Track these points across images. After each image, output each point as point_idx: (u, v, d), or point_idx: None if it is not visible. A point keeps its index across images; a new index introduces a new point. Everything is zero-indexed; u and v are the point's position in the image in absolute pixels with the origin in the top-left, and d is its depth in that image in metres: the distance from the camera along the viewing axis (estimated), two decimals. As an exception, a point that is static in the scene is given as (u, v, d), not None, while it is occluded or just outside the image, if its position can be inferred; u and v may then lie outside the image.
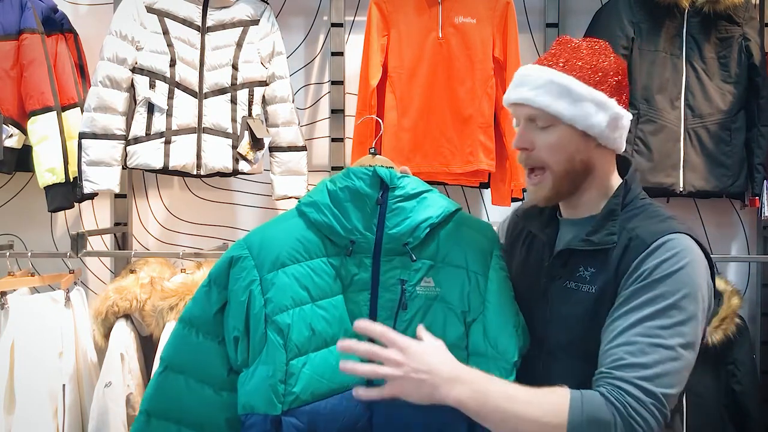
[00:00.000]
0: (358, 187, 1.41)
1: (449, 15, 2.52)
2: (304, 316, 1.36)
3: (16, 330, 2.24)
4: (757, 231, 2.81)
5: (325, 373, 1.36)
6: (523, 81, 1.36)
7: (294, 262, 1.39)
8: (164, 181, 2.86)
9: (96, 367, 2.36)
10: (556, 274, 1.37)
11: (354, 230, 1.40)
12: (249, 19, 2.55)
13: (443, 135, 2.52)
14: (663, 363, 1.18)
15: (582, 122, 1.32)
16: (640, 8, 2.54)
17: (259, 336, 1.36)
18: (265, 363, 1.34)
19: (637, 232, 1.29)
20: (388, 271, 1.41)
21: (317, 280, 1.39)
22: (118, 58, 2.40)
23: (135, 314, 2.29)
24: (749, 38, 2.55)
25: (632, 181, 1.39)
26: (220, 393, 1.42)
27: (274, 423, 1.33)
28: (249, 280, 1.38)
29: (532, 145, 1.35)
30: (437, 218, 1.42)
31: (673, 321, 1.20)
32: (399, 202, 1.41)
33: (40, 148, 2.43)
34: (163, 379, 1.44)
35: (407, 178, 1.44)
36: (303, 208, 1.44)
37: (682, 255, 1.24)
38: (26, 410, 2.21)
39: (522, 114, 1.37)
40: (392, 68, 2.53)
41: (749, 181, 2.56)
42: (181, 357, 1.44)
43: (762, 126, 2.55)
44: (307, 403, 1.34)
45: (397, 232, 1.40)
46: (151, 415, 1.44)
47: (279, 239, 1.41)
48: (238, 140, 2.50)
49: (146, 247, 2.83)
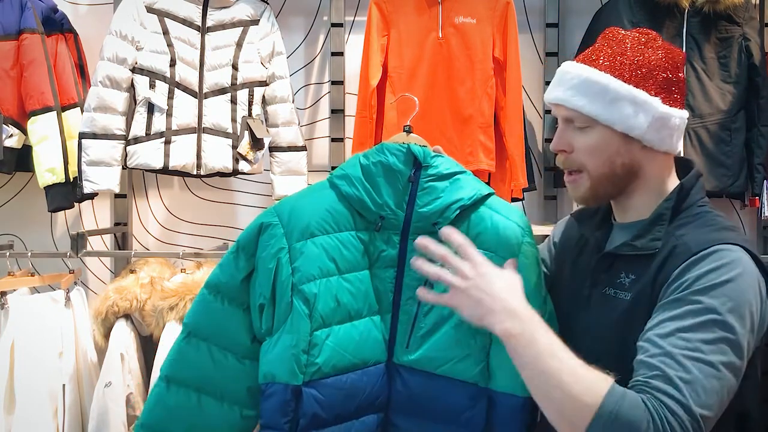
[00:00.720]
0: (392, 163, 1.39)
1: (449, 15, 2.52)
2: (331, 288, 1.35)
3: (16, 330, 2.24)
4: (757, 231, 2.81)
5: (348, 347, 1.35)
6: (560, 80, 1.30)
7: (323, 233, 1.37)
8: (164, 181, 2.86)
9: (96, 367, 2.36)
10: (599, 280, 1.31)
11: (384, 206, 1.39)
12: (249, 19, 2.55)
13: (443, 135, 2.51)
14: (703, 380, 1.09)
15: (620, 124, 1.24)
16: (640, 8, 2.54)
17: (284, 304, 1.34)
18: (289, 332, 1.33)
19: (684, 240, 1.20)
20: (415, 250, 1.38)
21: (345, 253, 1.38)
22: (118, 58, 2.40)
23: (135, 314, 2.29)
24: (749, 38, 2.55)
25: (690, 186, 1.29)
26: (243, 361, 1.41)
27: (295, 393, 1.32)
28: (278, 248, 1.36)
29: (570, 147, 1.29)
30: (469, 200, 1.40)
31: (715, 336, 1.11)
32: (431, 181, 1.40)
33: (40, 148, 2.43)
34: (186, 344, 1.42)
35: (441, 157, 1.43)
36: (335, 180, 1.42)
37: (732, 267, 1.15)
38: (26, 410, 2.21)
39: (560, 114, 1.31)
40: (392, 68, 2.53)
41: (749, 181, 2.56)
42: (206, 323, 1.42)
43: (762, 126, 2.55)
44: (328, 376, 1.34)
45: (428, 211, 1.38)
46: (171, 382, 1.42)
47: (309, 209, 1.39)
48: (238, 140, 2.50)
49: (146, 247, 2.83)
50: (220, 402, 1.42)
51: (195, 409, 1.42)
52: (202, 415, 1.42)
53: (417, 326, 1.38)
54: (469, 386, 1.36)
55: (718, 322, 1.12)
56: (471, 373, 1.36)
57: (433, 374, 1.37)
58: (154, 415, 1.44)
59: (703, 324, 1.11)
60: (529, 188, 2.59)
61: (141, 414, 1.46)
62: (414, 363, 1.38)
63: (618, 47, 1.28)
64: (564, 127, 1.30)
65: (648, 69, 1.26)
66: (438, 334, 1.37)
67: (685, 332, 1.11)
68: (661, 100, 1.25)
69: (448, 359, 1.35)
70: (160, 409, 1.43)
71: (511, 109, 2.51)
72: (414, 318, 1.39)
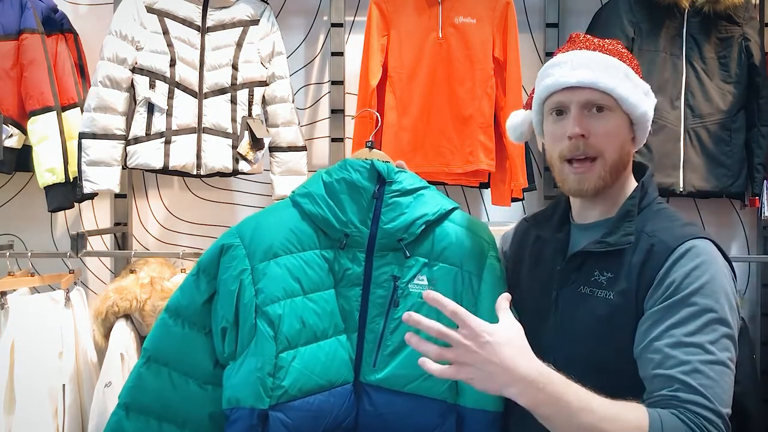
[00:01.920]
0: (355, 179, 1.38)
1: (449, 15, 2.52)
2: (295, 309, 1.34)
3: (16, 330, 2.24)
4: (757, 231, 2.81)
5: (314, 368, 1.33)
6: (582, 62, 1.28)
7: (287, 252, 1.36)
8: (164, 181, 2.86)
9: (96, 367, 2.36)
10: (569, 280, 1.31)
11: (349, 223, 1.38)
12: (249, 19, 2.55)
13: (443, 135, 2.52)
14: (720, 381, 1.12)
15: (635, 110, 1.28)
16: (640, 8, 2.54)
17: (248, 327, 1.33)
18: (253, 355, 1.31)
19: (659, 237, 1.23)
20: (381, 267, 1.39)
21: (310, 273, 1.36)
22: (118, 58, 2.40)
23: (135, 314, 2.29)
24: (749, 38, 2.55)
25: (649, 184, 1.34)
26: (205, 387, 1.39)
27: (261, 417, 1.30)
28: (240, 270, 1.34)
29: (589, 132, 1.27)
30: (433, 216, 1.40)
31: (718, 335, 1.15)
32: (395, 197, 1.39)
33: (40, 148, 2.43)
34: (146, 370, 1.40)
35: (404, 173, 1.42)
36: (297, 199, 1.41)
37: (710, 262, 1.19)
38: (26, 410, 2.21)
39: (577, 99, 1.28)
40: (392, 68, 2.53)
41: (749, 181, 2.56)
42: (165, 348, 1.40)
43: (762, 126, 2.55)
44: (295, 399, 1.32)
45: (393, 227, 1.38)
46: (131, 410, 1.39)
47: (272, 229, 1.38)
48: (238, 140, 2.50)
49: (146, 247, 2.83)
50: (182, 430, 1.39)
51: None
52: None
53: (383, 344, 1.37)
54: (438, 403, 1.35)
55: (717, 320, 1.16)
56: (439, 390, 1.35)
57: (400, 392, 1.35)
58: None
59: (705, 325, 1.15)
60: (529, 188, 2.59)
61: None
62: (381, 381, 1.36)
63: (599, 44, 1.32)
64: (580, 112, 1.28)
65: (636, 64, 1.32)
66: (405, 351, 1.36)
67: (693, 337, 1.14)
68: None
69: (416, 377, 1.34)
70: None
71: (511, 109, 2.49)
72: (380, 336, 1.37)
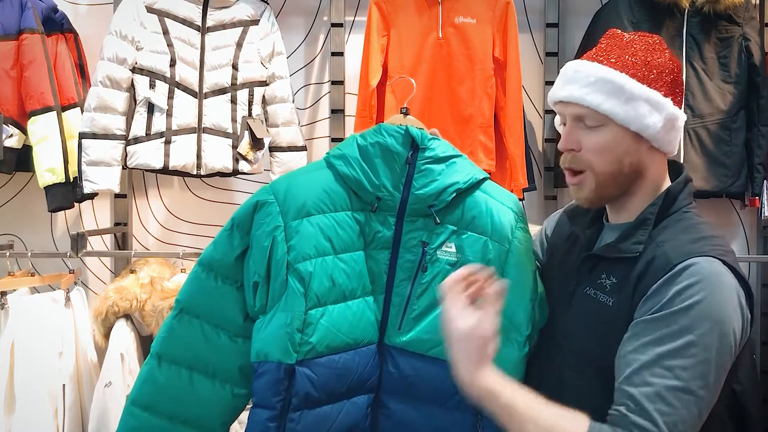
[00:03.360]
0: (389, 144, 1.39)
1: (449, 15, 2.52)
2: (326, 267, 1.35)
3: (16, 330, 2.24)
4: (757, 231, 2.81)
5: (341, 326, 1.35)
6: (573, 78, 1.28)
7: (319, 212, 1.37)
8: (164, 181, 2.86)
9: (96, 367, 2.36)
10: (582, 279, 1.32)
11: (381, 187, 1.39)
12: (249, 19, 2.55)
13: (443, 135, 2.46)
14: (683, 409, 1.10)
15: (636, 123, 1.24)
16: (640, 8, 2.54)
17: (279, 282, 1.34)
18: (283, 310, 1.33)
19: (664, 249, 1.21)
20: (410, 232, 1.40)
21: (341, 233, 1.38)
22: (118, 58, 2.40)
23: (135, 314, 2.29)
24: (749, 38, 2.55)
25: (677, 191, 1.29)
26: (235, 339, 1.41)
27: (288, 372, 1.32)
28: (273, 226, 1.36)
29: (579, 146, 1.27)
30: (464, 184, 1.40)
31: (694, 361, 1.11)
32: (428, 163, 1.40)
33: (40, 148, 2.43)
34: (178, 322, 1.42)
35: (438, 140, 1.43)
36: (332, 160, 1.42)
37: (707, 283, 1.14)
38: (26, 410, 2.21)
39: (569, 113, 1.29)
40: (392, 68, 2.53)
41: (749, 181, 2.56)
42: (198, 301, 1.42)
43: (762, 126, 2.55)
44: (321, 355, 1.34)
45: (424, 194, 1.39)
46: (163, 359, 1.42)
47: (305, 188, 1.39)
48: (238, 140, 2.50)
49: (146, 247, 2.83)
50: (212, 380, 1.42)
51: (186, 387, 1.41)
52: (193, 393, 1.41)
53: (410, 308, 1.39)
54: None
55: (695, 343, 1.12)
56: None
57: (424, 356, 1.38)
58: (144, 391, 1.43)
59: (682, 348, 1.12)
60: (529, 188, 2.59)
61: (132, 390, 1.45)
62: (405, 344, 1.39)
63: (627, 48, 1.28)
64: (573, 125, 1.29)
65: (658, 70, 1.26)
66: (430, 316, 1.38)
67: (665, 359, 1.12)
68: (671, 101, 1.26)
69: (440, 341, 1.33)
70: (150, 386, 1.43)
71: (511, 109, 2.51)
72: (407, 300, 1.39)
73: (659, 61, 1.27)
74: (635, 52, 1.27)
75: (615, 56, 1.27)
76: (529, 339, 1.36)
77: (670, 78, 1.27)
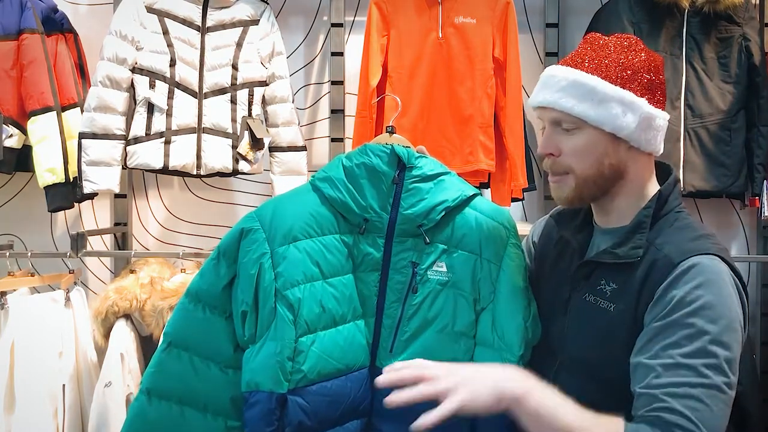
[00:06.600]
0: (375, 164, 1.38)
1: (449, 15, 2.51)
2: (315, 293, 1.34)
3: (16, 330, 2.24)
4: (757, 231, 2.81)
5: (333, 352, 1.34)
6: (547, 83, 1.29)
7: (306, 237, 1.35)
8: (164, 181, 2.86)
9: (96, 367, 2.36)
10: (578, 285, 1.31)
11: (368, 208, 1.37)
12: (249, 19, 2.55)
13: (443, 135, 2.52)
14: (712, 405, 1.11)
15: (609, 124, 1.24)
16: (640, 8, 2.54)
17: (267, 310, 1.32)
18: (273, 339, 1.31)
19: (664, 251, 1.21)
20: (399, 253, 1.38)
21: (329, 257, 1.36)
22: (118, 58, 2.39)
23: (135, 314, 2.29)
24: (749, 38, 2.55)
25: (668, 193, 1.30)
26: (226, 371, 1.39)
27: (280, 401, 1.30)
28: (260, 253, 1.34)
29: (558, 151, 1.28)
30: (453, 202, 1.39)
31: (715, 358, 1.12)
32: (416, 182, 1.38)
33: (40, 148, 2.43)
34: (166, 355, 1.39)
35: (425, 158, 1.41)
36: (317, 183, 1.41)
37: (714, 281, 1.16)
38: (26, 410, 2.21)
39: (547, 117, 1.30)
40: (392, 68, 2.53)
41: (749, 181, 2.56)
42: (186, 333, 1.39)
43: (762, 126, 2.56)
44: (313, 383, 1.32)
45: (412, 213, 1.37)
46: (152, 394, 1.39)
47: (291, 213, 1.37)
48: (238, 140, 2.50)
49: (146, 247, 2.83)
50: (204, 413, 1.39)
51: (178, 422, 1.38)
52: (185, 428, 1.38)
53: (401, 330, 1.37)
54: None
55: (716, 342, 1.13)
56: None
57: None
58: (135, 429, 1.39)
59: (702, 347, 1.13)
60: (529, 188, 2.59)
61: (122, 428, 1.41)
62: None
63: (602, 50, 1.29)
64: (551, 130, 1.29)
65: (633, 71, 1.27)
66: (422, 338, 1.36)
67: (687, 359, 1.12)
68: (647, 101, 1.27)
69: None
70: (140, 423, 1.39)
71: (511, 109, 2.51)
72: (398, 322, 1.37)
73: (634, 61, 1.27)
74: (609, 54, 1.28)
75: (589, 59, 1.28)
76: (521, 359, 1.33)
77: (647, 78, 1.27)
